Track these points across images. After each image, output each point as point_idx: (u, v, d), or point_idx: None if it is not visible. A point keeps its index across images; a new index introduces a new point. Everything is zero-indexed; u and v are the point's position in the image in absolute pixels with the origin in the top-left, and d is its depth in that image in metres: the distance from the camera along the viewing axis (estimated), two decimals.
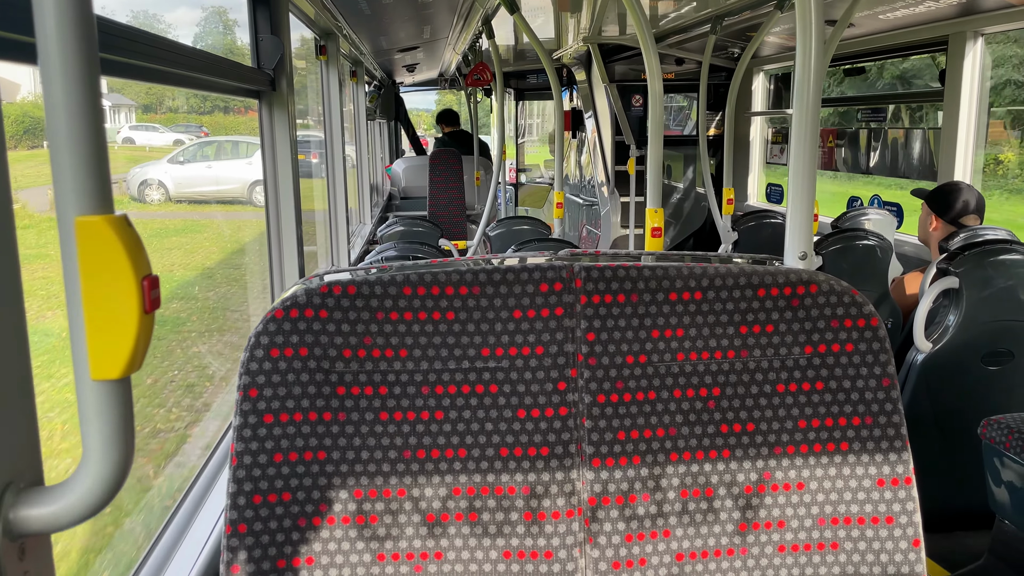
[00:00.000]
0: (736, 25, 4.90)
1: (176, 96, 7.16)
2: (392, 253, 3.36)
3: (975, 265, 2.48)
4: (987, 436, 2.09)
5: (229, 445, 1.14)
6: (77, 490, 0.68)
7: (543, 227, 4.39)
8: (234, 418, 1.10)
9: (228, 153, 7.59)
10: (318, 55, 4.19)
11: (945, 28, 4.00)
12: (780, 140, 6.42)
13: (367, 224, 7.01)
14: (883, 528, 1.19)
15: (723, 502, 1.19)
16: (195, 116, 8.04)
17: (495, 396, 1.15)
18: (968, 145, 4.02)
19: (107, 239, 0.64)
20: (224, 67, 1.93)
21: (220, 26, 8.81)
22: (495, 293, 1.15)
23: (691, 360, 1.19)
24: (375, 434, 1.13)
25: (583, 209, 7.96)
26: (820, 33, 1.48)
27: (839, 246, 3.15)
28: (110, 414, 0.67)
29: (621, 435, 1.16)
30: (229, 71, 1.97)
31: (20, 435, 0.70)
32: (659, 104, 2.56)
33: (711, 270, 1.19)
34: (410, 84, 11.71)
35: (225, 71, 1.93)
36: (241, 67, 2.13)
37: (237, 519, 1.09)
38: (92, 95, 0.64)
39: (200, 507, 1.73)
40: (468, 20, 4.96)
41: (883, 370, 1.21)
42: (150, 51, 1.46)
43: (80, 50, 0.63)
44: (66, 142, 0.63)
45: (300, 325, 1.11)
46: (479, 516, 1.15)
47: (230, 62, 1.98)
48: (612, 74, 6.63)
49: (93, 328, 0.65)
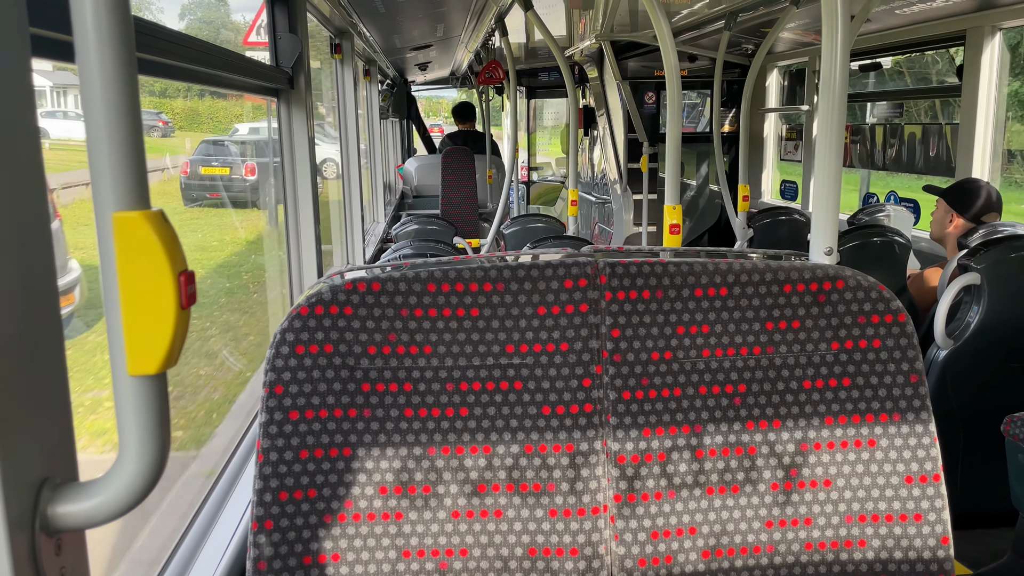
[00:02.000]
0: (751, 21, 4.87)
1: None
2: (408, 251, 3.36)
3: (997, 261, 2.45)
4: (1010, 433, 2.08)
5: (254, 441, 1.15)
6: (113, 486, 0.68)
7: (557, 224, 4.38)
8: (260, 414, 1.11)
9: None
10: (333, 54, 4.20)
11: (963, 22, 3.96)
12: (794, 137, 6.39)
13: (380, 223, 7.02)
14: (911, 525, 1.18)
15: (750, 499, 1.18)
16: (153, 99, 5.78)
17: (519, 393, 1.15)
18: (986, 141, 3.99)
19: (144, 234, 0.64)
20: (245, 65, 1.94)
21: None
22: (519, 290, 1.15)
23: (716, 356, 1.18)
24: (400, 431, 1.13)
25: (595, 207, 7.94)
26: (847, 28, 1.47)
27: (857, 242, 3.13)
28: (147, 409, 0.67)
29: (647, 432, 1.16)
30: (249, 69, 1.98)
31: (56, 432, 0.70)
32: (677, 100, 2.55)
33: (736, 266, 1.18)
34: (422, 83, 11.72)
35: (246, 69, 1.94)
36: (261, 65, 2.14)
37: (263, 515, 1.10)
38: (129, 93, 0.64)
39: (226, 503, 1.74)
40: (481, 18, 4.95)
41: (911, 366, 1.20)
42: (178, 49, 1.47)
43: (117, 48, 0.63)
44: (104, 139, 0.63)
45: (325, 322, 1.11)
46: (504, 513, 1.15)
47: (250, 60, 1.99)
48: (624, 71, 6.61)
49: (130, 324, 0.65)
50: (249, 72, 1.97)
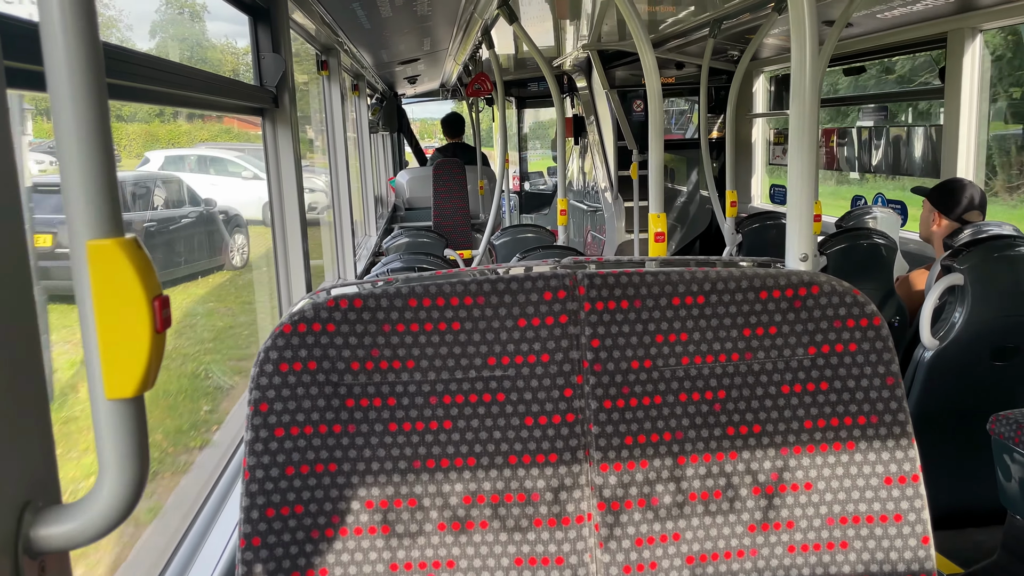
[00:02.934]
0: (735, 28, 4.91)
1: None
2: (398, 265, 3.38)
3: (980, 261, 2.48)
4: (996, 432, 2.10)
5: (241, 460, 1.16)
6: (94, 507, 0.70)
7: (547, 234, 4.40)
8: (246, 432, 1.12)
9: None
10: (319, 70, 4.23)
11: (944, 25, 4.00)
12: (782, 141, 6.43)
13: (372, 236, 7.03)
14: (892, 526, 1.20)
15: (732, 504, 1.19)
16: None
17: (502, 404, 1.17)
18: (970, 141, 4.02)
19: (118, 262, 0.65)
20: (227, 86, 1.95)
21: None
22: (500, 302, 1.17)
23: (696, 364, 1.20)
24: (385, 445, 1.15)
25: (587, 215, 7.97)
26: (815, 34, 1.49)
27: (844, 245, 3.15)
28: (125, 432, 0.69)
29: (628, 440, 1.17)
30: (232, 90, 1.99)
31: (38, 455, 0.72)
32: (659, 109, 2.58)
33: (712, 274, 1.20)
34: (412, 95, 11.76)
35: (228, 90, 1.95)
36: (244, 85, 2.16)
37: (251, 533, 1.11)
38: (101, 121, 0.65)
39: (214, 522, 1.75)
40: (468, 31, 4.98)
41: (887, 369, 1.21)
42: (154, 74, 1.48)
43: (88, 77, 0.65)
44: (76, 168, 0.65)
45: (308, 339, 1.13)
46: (490, 524, 1.16)
47: (233, 81, 2.01)
48: (613, 80, 6.65)
49: (106, 349, 0.66)
50: (233, 93, 1.99)
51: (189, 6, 7.11)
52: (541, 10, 4.81)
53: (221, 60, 7.11)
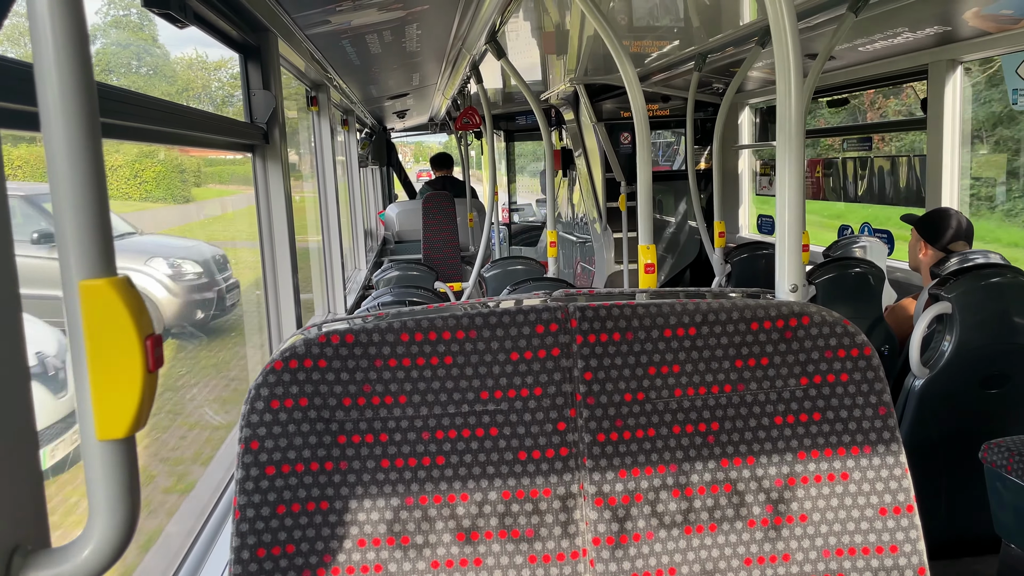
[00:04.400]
0: (720, 61, 4.98)
1: None
2: (388, 298, 3.37)
3: (967, 290, 2.50)
4: (988, 460, 2.10)
5: (231, 499, 1.14)
6: (84, 551, 0.69)
7: (537, 266, 4.41)
8: (236, 471, 1.11)
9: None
10: (309, 106, 4.25)
11: (925, 57, 4.07)
12: (768, 172, 6.49)
13: (362, 269, 7.03)
14: (888, 557, 1.19)
15: (727, 537, 1.19)
16: None
17: (495, 439, 1.16)
18: (953, 171, 4.08)
19: (111, 301, 0.65)
20: (218, 123, 1.96)
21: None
22: (492, 336, 1.17)
23: (688, 396, 1.20)
24: (377, 482, 1.14)
25: (577, 246, 8.00)
26: (799, 67, 1.52)
27: (832, 275, 3.17)
28: (116, 473, 0.68)
29: (623, 473, 1.17)
30: (223, 127, 2.00)
31: (26, 498, 0.71)
32: (646, 142, 2.60)
33: (704, 305, 1.21)
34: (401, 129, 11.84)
35: (219, 127, 1.97)
36: (234, 122, 2.17)
37: (242, 573, 1.09)
38: (94, 161, 0.66)
39: (203, 564, 1.72)
40: (456, 66, 5.04)
41: (879, 398, 1.22)
42: (146, 112, 1.49)
43: (81, 118, 0.65)
44: (69, 207, 0.65)
45: (300, 376, 1.12)
46: (484, 561, 1.15)
47: (225, 118, 2.02)
48: (600, 113, 6.72)
49: (98, 389, 0.66)
50: (223, 130, 2.00)
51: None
52: (528, 45, 4.87)
53: (181, 76, 6.24)
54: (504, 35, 4.06)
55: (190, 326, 4.96)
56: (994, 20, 3.45)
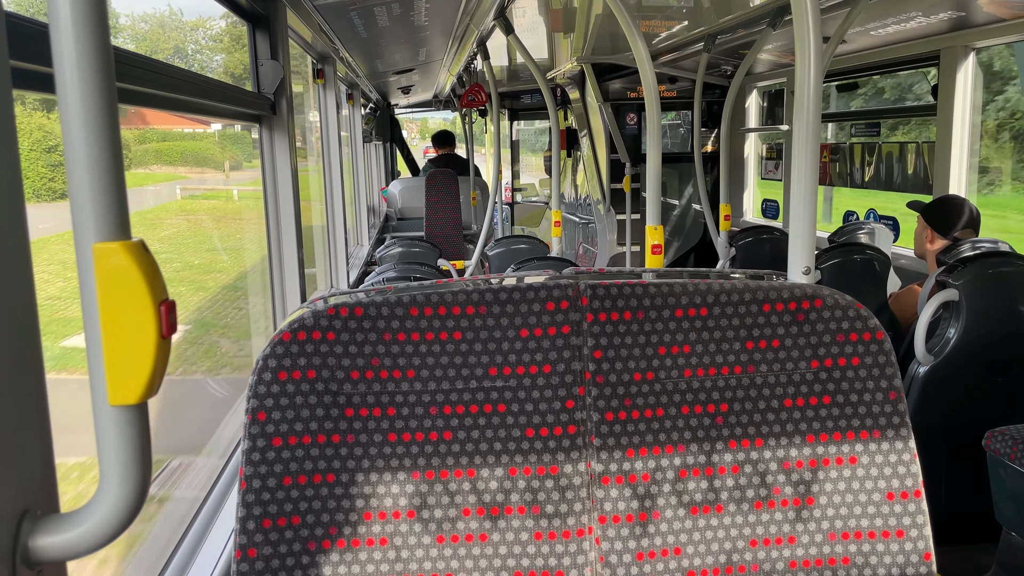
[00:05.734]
0: (729, 43, 4.94)
1: None
2: (392, 274, 3.37)
3: (975, 277, 2.49)
4: (991, 447, 2.10)
5: (237, 468, 1.14)
6: (94, 517, 0.68)
7: (541, 246, 4.40)
8: (243, 441, 1.10)
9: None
10: (315, 79, 4.22)
11: (937, 43, 4.04)
12: (774, 156, 6.46)
13: (364, 246, 7.02)
14: (893, 542, 1.19)
15: (733, 518, 1.19)
16: None
17: (503, 416, 1.16)
18: (962, 158, 4.05)
19: (125, 265, 0.64)
20: (226, 92, 1.94)
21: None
22: (501, 312, 1.16)
23: (698, 376, 1.19)
24: (383, 456, 1.13)
25: (579, 227, 7.98)
26: (819, 49, 1.50)
27: (837, 260, 3.16)
28: (128, 439, 0.67)
29: (630, 453, 1.17)
30: (231, 96, 1.98)
31: (37, 463, 0.70)
32: (656, 121, 2.58)
33: (716, 286, 1.20)
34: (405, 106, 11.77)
35: (227, 96, 1.94)
36: (243, 92, 2.15)
37: (247, 543, 1.09)
38: (110, 123, 0.64)
39: (208, 532, 1.72)
40: (463, 42, 4.99)
41: (889, 383, 1.21)
42: (158, 78, 1.47)
43: (97, 79, 0.64)
44: (84, 169, 0.64)
45: (308, 347, 1.11)
46: (489, 536, 1.15)
47: (232, 87, 2.00)
48: (606, 93, 6.68)
49: (111, 354, 0.65)
50: (230, 99, 1.98)
51: None
52: (535, 23, 4.83)
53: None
54: (512, 12, 4.02)
55: None
56: (1009, 6, 3.41)
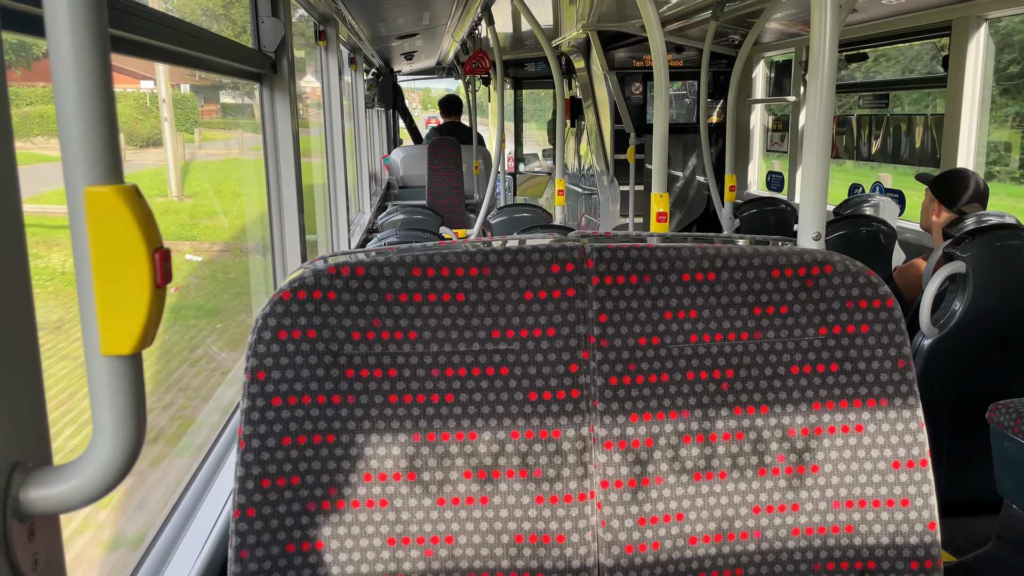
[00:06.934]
0: (738, 11, 4.87)
1: None
2: (394, 240, 3.34)
3: (982, 250, 2.46)
4: (995, 420, 2.08)
5: (236, 428, 1.13)
6: (87, 469, 0.66)
7: (544, 214, 4.37)
8: (242, 401, 1.09)
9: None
10: (317, 40, 4.16)
11: (948, 13, 3.97)
12: (780, 128, 6.39)
13: (366, 213, 6.98)
14: (899, 511, 1.18)
15: (737, 485, 1.17)
16: None
17: (506, 379, 1.14)
18: (971, 132, 4.00)
19: (118, 210, 0.62)
20: (227, 48, 1.90)
21: None
22: (505, 274, 1.14)
23: (704, 342, 1.17)
24: (384, 417, 1.12)
25: (582, 198, 7.93)
26: (835, 14, 1.47)
27: (843, 232, 3.14)
28: (121, 390, 0.65)
29: (634, 417, 1.15)
30: (231, 52, 1.94)
31: (28, 414, 0.68)
32: (664, 88, 2.54)
33: (724, 251, 1.17)
34: (408, 72, 11.66)
35: (227, 52, 1.91)
36: (243, 48, 2.11)
37: (245, 503, 1.08)
38: (101, 66, 0.62)
39: (207, 491, 1.72)
40: (468, 6, 4.92)
41: (898, 351, 1.19)
42: (155, 28, 1.43)
43: (89, 21, 0.61)
44: (75, 111, 0.61)
45: (308, 307, 1.10)
46: (490, 500, 1.13)
47: (233, 43, 1.96)
48: (611, 62, 6.59)
49: (104, 302, 0.63)
50: (231, 55, 1.94)
51: None
52: None
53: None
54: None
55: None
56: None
